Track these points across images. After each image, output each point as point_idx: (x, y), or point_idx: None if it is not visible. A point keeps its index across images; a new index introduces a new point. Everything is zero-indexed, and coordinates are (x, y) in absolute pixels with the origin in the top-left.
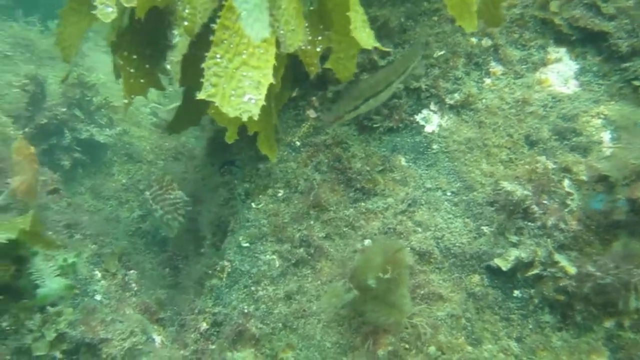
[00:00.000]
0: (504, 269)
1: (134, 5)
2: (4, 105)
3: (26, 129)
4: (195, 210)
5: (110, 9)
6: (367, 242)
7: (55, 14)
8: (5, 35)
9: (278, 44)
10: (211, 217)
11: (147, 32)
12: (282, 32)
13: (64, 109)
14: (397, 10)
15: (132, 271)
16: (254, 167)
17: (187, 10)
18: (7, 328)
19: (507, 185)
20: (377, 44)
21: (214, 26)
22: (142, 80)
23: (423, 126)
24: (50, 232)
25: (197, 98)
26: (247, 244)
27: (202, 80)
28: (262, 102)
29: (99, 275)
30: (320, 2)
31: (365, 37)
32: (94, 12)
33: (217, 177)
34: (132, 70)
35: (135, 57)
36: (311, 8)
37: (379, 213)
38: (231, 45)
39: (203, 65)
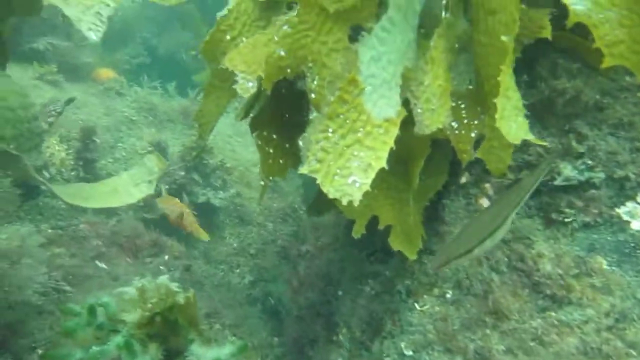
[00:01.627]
0: None
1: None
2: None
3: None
4: (328, 291)
5: (251, 84)
6: None
7: (172, 76)
8: (131, 100)
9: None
10: (359, 311)
11: (286, 108)
12: (419, 110)
13: (183, 173)
14: (591, 82)
15: None
16: (416, 260)
17: (315, 82)
18: None
19: None
20: (530, 136)
21: (331, 98)
22: (281, 161)
23: (628, 222)
24: None
25: (299, 172)
26: (410, 352)
27: (308, 153)
28: (367, 188)
29: None
30: (478, 82)
31: (514, 129)
32: (234, 86)
33: (364, 264)
34: (270, 151)
35: (274, 136)
36: (470, 87)
37: (575, 327)
38: (347, 121)
39: (311, 137)
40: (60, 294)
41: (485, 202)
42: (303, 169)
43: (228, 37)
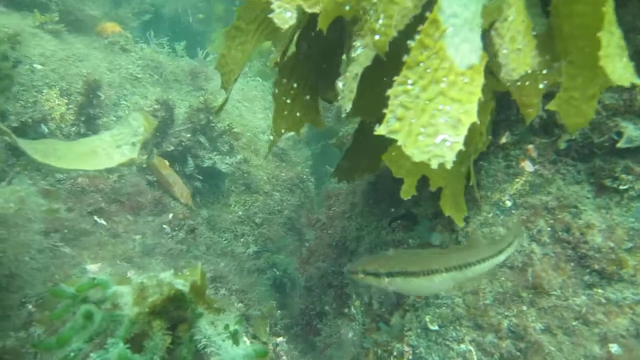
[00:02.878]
0: None
1: (317, 11)
2: None
3: (152, 155)
4: (341, 261)
5: (289, 14)
6: (613, 347)
7: (181, 36)
8: (136, 57)
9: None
10: None
11: (317, 55)
12: (505, 52)
13: (189, 135)
14: None
15: (280, 339)
16: (445, 228)
17: (381, 21)
18: None
19: None
20: (637, 81)
21: (411, 43)
22: (298, 114)
23: None
24: None
25: (376, 133)
26: (436, 327)
27: (384, 110)
28: (460, 146)
29: (248, 343)
30: (555, 24)
31: (620, 69)
32: (270, 15)
33: (384, 233)
34: (288, 101)
35: (295, 85)
36: (534, 33)
37: (626, 307)
38: (428, 70)
39: (388, 92)
40: (55, 252)
41: (528, 166)
42: (380, 130)
43: None
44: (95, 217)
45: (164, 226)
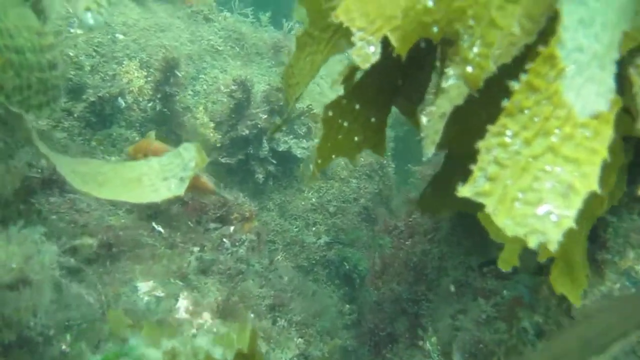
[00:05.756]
0: None
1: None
2: (208, 105)
3: (227, 135)
4: (418, 289)
5: (372, 49)
6: None
7: (267, 4)
8: (219, 27)
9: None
10: (462, 333)
11: (386, 69)
12: None
13: (265, 117)
14: None
15: None
16: (553, 290)
17: (475, 49)
18: None
19: None
20: None
21: (515, 85)
22: (356, 138)
23: None
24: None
25: (459, 194)
26: None
27: (472, 167)
28: (571, 223)
29: None
30: None
31: None
32: (350, 51)
33: (472, 275)
34: (345, 124)
35: (358, 106)
36: None
37: None
38: (535, 119)
39: (479, 144)
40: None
41: None
42: (463, 190)
43: None
44: (154, 224)
45: (224, 240)
